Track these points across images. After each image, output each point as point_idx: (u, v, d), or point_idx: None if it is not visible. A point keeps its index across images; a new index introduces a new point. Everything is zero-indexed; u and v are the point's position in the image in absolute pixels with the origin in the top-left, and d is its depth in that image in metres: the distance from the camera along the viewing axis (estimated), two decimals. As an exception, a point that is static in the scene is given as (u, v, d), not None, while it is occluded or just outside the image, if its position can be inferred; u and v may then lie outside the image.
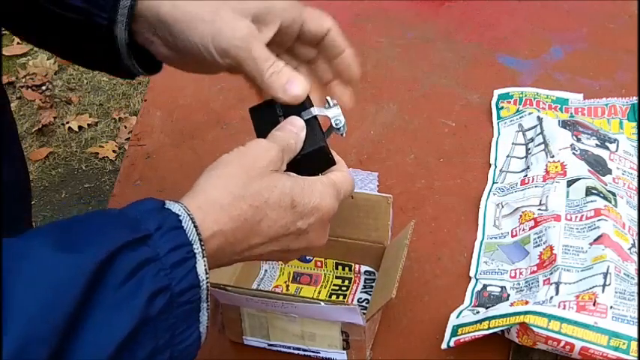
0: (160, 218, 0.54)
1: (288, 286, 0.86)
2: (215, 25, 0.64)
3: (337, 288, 0.85)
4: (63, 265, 0.48)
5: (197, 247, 0.54)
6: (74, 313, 0.47)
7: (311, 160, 0.65)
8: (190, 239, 0.54)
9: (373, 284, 0.84)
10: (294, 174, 0.63)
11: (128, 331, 0.49)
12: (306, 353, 0.76)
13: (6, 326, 0.45)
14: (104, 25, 0.67)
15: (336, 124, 0.67)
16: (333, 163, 0.66)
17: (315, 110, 0.66)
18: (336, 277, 0.86)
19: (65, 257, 0.49)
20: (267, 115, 0.67)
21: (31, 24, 0.71)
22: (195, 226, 0.55)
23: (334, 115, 0.67)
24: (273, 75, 0.64)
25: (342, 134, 0.67)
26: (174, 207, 0.55)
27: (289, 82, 0.64)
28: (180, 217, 0.54)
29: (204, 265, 0.54)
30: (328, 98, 0.68)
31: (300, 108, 0.66)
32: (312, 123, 0.65)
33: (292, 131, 0.64)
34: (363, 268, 0.85)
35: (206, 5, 0.65)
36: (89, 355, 0.48)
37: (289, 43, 0.70)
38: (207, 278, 0.55)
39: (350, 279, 0.85)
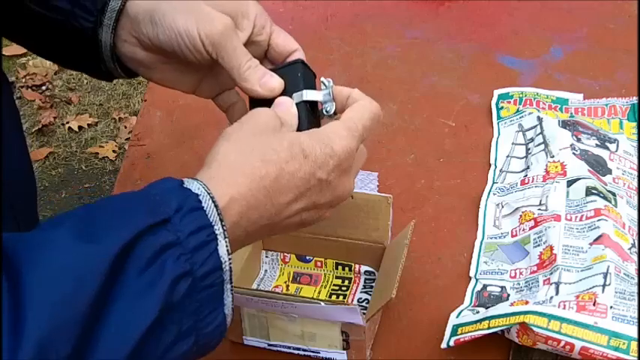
0: (180, 199, 0.53)
1: (288, 286, 0.86)
2: (199, 15, 0.65)
3: (337, 288, 0.85)
4: (83, 255, 0.48)
5: (218, 229, 0.53)
6: (96, 304, 0.47)
7: None
8: (211, 220, 0.53)
9: (373, 284, 0.84)
10: None
11: (153, 319, 0.49)
12: (306, 353, 0.76)
13: (26, 319, 0.44)
14: (89, 28, 0.67)
15: (325, 112, 0.66)
16: None
17: (306, 94, 0.65)
18: (336, 277, 0.86)
19: (85, 247, 0.48)
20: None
21: (13, 23, 0.71)
22: (215, 205, 0.53)
23: (323, 100, 0.65)
24: (250, 69, 0.65)
25: (332, 115, 0.66)
26: (193, 185, 0.54)
27: (265, 76, 0.65)
28: (200, 197, 0.53)
29: (226, 246, 0.53)
30: (322, 79, 0.67)
31: (293, 87, 0.65)
32: (303, 106, 0.65)
33: (281, 109, 0.64)
34: (363, 268, 0.85)
35: (185, 2, 0.66)
36: (115, 344, 0.47)
37: (257, 55, 0.69)
38: (229, 260, 0.54)
39: (350, 279, 0.85)
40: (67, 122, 2.50)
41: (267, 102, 0.65)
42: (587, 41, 1.15)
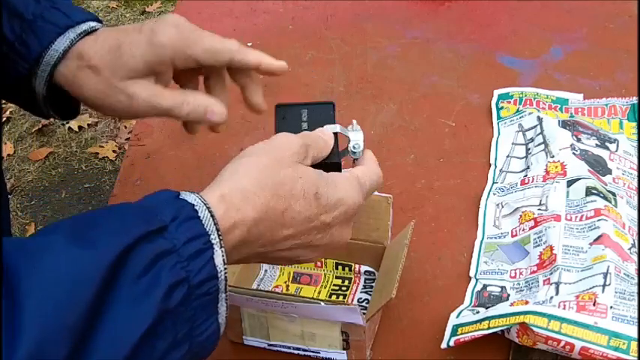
0: (176, 208, 0.54)
1: (288, 286, 0.86)
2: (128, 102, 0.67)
3: (337, 288, 0.85)
4: (78, 262, 0.48)
5: (214, 238, 0.54)
6: (91, 311, 0.47)
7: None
8: (207, 229, 0.54)
9: (373, 284, 0.84)
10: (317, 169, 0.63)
11: (147, 326, 0.49)
12: (306, 353, 0.76)
13: (21, 327, 0.44)
14: (23, 75, 0.68)
15: (353, 148, 0.67)
16: None
17: (339, 127, 0.66)
18: (336, 277, 0.86)
19: (80, 253, 0.48)
20: (292, 118, 0.67)
21: None
22: (212, 216, 0.54)
23: (355, 139, 0.67)
24: (190, 114, 0.67)
25: (355, 159, 0.68)
26: (189, 197, 0.55)
27: (208, 112, 0.67)
28: (196, 207, 0.54)
29: (222, 256, 0.54)
30: (354, 122, 0.68)
31: (325, 121, 0.66)
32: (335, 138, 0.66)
33: (321, 137, 0.65)
34: (363, 268, 0.85)
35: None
36: (109, 351, 0.48)
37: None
38: (225, 269, 0.54)
39: (350, 279, 0.85)
40: (67, 122, 2.50)
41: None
42: (587, 41, 1.15)
